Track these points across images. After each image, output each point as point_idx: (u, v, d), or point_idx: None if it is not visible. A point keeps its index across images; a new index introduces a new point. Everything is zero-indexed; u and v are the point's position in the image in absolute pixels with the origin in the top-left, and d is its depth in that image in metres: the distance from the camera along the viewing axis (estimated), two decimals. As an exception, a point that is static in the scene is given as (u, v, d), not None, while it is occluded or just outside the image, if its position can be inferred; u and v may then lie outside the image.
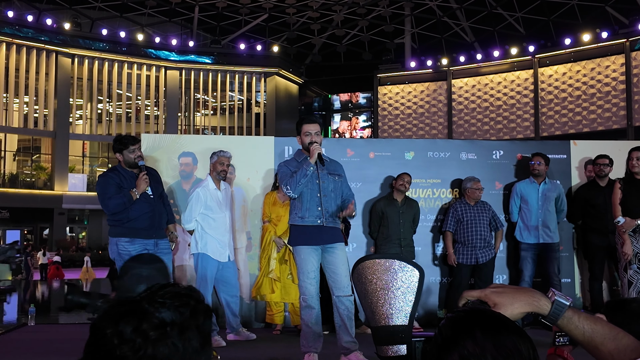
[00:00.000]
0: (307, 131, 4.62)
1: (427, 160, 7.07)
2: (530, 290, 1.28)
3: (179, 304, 1.03)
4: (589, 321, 1.25)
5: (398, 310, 1.26)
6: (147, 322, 1.00)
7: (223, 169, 5.75)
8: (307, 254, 4.46)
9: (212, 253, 5.67)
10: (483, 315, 1.09)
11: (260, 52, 33.59)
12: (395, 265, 1.30)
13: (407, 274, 1.29)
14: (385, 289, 1.28)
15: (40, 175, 30.45)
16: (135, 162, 5.34)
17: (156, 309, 1.02)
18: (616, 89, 25.91)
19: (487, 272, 6.44)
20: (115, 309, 1.03)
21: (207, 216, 5.70)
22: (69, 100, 31.03)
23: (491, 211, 6.59)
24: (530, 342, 1.06)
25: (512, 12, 29.52)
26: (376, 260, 1.31)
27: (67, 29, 30.11)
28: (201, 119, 35.55)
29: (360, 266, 1.33)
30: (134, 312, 1.02)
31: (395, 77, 31.03)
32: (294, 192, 4.45)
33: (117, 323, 1.00)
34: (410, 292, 1.28)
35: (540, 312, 1.26)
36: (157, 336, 1.00)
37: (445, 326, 1.09)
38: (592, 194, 6.49)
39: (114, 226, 5.32)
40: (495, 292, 1.26)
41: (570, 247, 7.02)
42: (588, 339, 1.23)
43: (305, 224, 4.49)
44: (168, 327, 1.01)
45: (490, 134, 28.51)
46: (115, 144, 5.40)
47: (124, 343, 0.99)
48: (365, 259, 1.31)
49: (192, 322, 1.03)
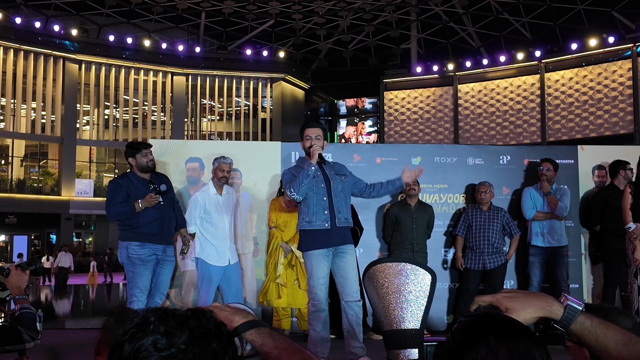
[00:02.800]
0: (307, 135, 4.64)
1: (434, 166, 7.05)
2: (542, 294, 1.27)
3: (175, 329, 1.05)
4: (602, 326, 1.24)
5: (410, 314, 1.25)
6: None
7: (223, 175, 5.77)
8: (317, 260, 4.44)
9: (208, 258, 5.67)
10: (497, 320, 1.09)
11: (266, 57, 33.66)
12: (407, 269, 1.29)
13: (419, 277, 1.28)
14: (397, 292, 1.27)
15: (48, 181, 30.56)
16: (147, 165, 5.40)
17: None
18: (623, 93, 25.82)
19: (496, 278, 6.41)
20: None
21: (205, 221, 5.71)
22: (76, 106, 31.15)
23: (505, 217, 6.53)
24: (544, 348, 1.05)
25: (518, 17, 29.49)
26: (388, 264, 1.30)
27: (74, 35, 30.25)
28: (207, 125, 35.62)
29: (371, 269, 1.32)
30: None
31: (401, 83, 31.02)
32: (297, 193, 4.45)
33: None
34: (422, 295, 1.27)
35: (553, 317, 1.25)
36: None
37: (458, 330, 1.08)
38: (613, 197, 6.27)
39: (124, 230, 5.36)
40: (507, 296, 1.25)
41: (579, 252, 6.98)
42: (601, 344, 1.22)
43: (313, 229, 4.48)
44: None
45: (496, 139, 28.45)
46: (128, 149, 5.46)
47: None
48: (377, 263, 1.30)
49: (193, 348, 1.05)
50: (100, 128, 32.35)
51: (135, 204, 5.25)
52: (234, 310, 1.29)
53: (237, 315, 1.27)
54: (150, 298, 5.43)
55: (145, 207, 5.28)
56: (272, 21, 32.37)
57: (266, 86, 34.93)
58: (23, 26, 29.21)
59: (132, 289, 5.30)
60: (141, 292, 5.28)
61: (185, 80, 33.43)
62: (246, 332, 1.25)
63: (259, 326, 1.26)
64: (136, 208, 5.25)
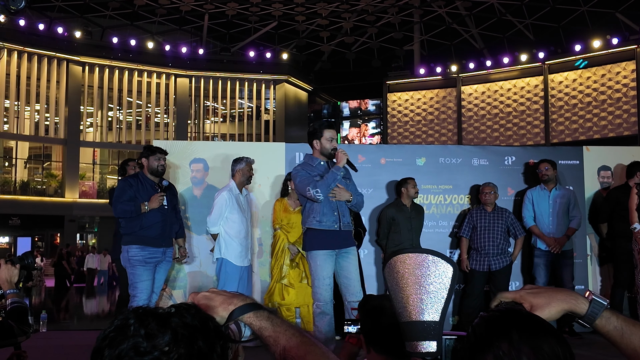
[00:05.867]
0: (331, 136, 4.69)
1: (439, 166, 7.03)
2: (566, 290, 1.26)
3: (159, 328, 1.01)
4: (628, 323, 1.22)
5: (430, 306, 1.24)
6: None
7: (251, 174, 6.00)
8: (322, 260, 4.47)
9: (234, 258, 5.77)
10: (520, 317, 1.07)
11: (269, 59, 33.66)
12: (428, 260, 1.28)
13: (440, 269, 1.27)
14: (417, 283, 1.26)
15: (51, 183, 30.58)
16: (157, 169, 5.54)
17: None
18: (627, 95, 25.75)
19: (501, 279, 6.39)
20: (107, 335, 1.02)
21: (230, 220, 5.80)
22: (80, 108, 31.18)
23: (510, 218, 6.51)
24: (568, 347, 1.03)
25: (521, 19, 29.45)
26: (409, 254, 1.29)
27: (78, 37, 30.29)
28: (211, 126, 35.62)
29: (392, 260, 1.31)
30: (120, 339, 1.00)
31: (404, 84, 30.99)
32: (323, 195, 4.48)
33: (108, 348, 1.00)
34: (443, 287, 1.25)
35: (578, 312, 1.23)
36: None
37: (479, 325, 1.07)
38: (626, 197, 6.12)
39: (126, 234, 5.50)
40: (531, 293, 1.23)
41: (584, 253, 6.96)
42: (627, 341, 1.20)
43: (322, 228, 4.51)
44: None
45: (500, 141, 28.40)
46: (144, 150, 5.63)
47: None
48: (398, 253, 1.29)
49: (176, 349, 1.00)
50: (103, 130, 32.38)
51: (141, 205, 5.39)
52: (231, 294, 1.26)
53: (234, 298, 1.24)
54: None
55: (150, 208, 5.42)
56: (275, 23, 32.37)
57: (269, 88, 34.93)
58: (27, 28, 29.26)
59: (133, 290, 5.41)
60: (142, 293, 5.38)
61: (188, 82, 33.45)
62: (243, 315, 1.22)
63: (257, 309, 1.23)
64: (142, 209, 5.38)
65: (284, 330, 1.21)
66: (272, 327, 1.22)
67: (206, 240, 6.63)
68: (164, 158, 5.63)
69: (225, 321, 1.22)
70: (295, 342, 1.19)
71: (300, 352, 1.17)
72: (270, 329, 1.22)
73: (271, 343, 1.21)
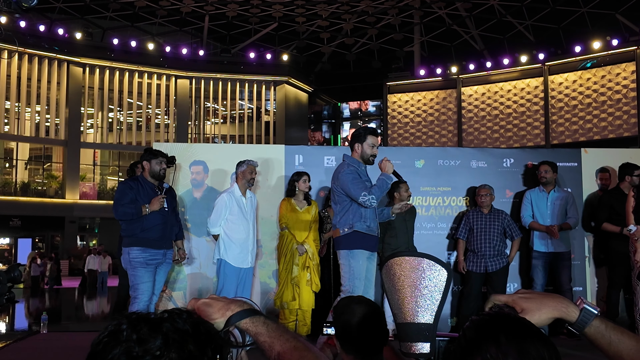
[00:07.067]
0: (373, 143, 4.82)
1: (438, 168, 7.05)
2: (558, 296, 1.28)
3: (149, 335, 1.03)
4: (616, 332, 1.24)
5: (424, 309, 1.27)
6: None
7: (252, 177, 6.01)
8: (364, 260, 4.73)
9: (232, 259, 5.82)
10: (508, 320, 1.09)
11: (269, 60, 33.68)
12: (424, 264, 1.31)
13: (435, 272, 1.30)
14: (413, 286, 1.29)
15: (52, 184, 30.61)
16: (159, 173, 5.58)
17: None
18: (627, 96, 25.76)
19: (498, 280, 6.41)
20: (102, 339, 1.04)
21: (230, 222, 5.85)
22: (80, 109, 31.22)
23: (506, 220, 6.54)
24: (555, 351, 1.05)
25: (521, 20, 29.46)
26: (405, 258, 1.33)
27: (78, 39, 30.32)
28: (211, 128, 35.64)
29: (389, 262, 1.34)
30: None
31: (404, 85, 31.01)
32: (377, 203, 4.69)
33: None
34: (438, 291, 1.29)
35: (568, 319, 1.25)
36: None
37: (469, 329, 1.09)
38: (618, 200, 6.27)
39: (127, 237, 5.54)
40: (524, 297, 1.25)
41: (582, 255, 6.98)
42: (614, 349, 1.22)
43: (370, 233, 4.73)
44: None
45: (500, 142, 28.41)
46: (146, 153, 5.65)
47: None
48: (395, 256, 1.31)
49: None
50: (104, 131, 32.41)
51: (142, 207, 5.43)
52: (229, 300, 1.28)
53: (232, 304, 1.27)
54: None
55: (151, 210, 5.46)
56: (276, 24, 32.39)
57: (270, 89, 34.95)
58: (27, 30, 29.29)
59: (134, 292, 5.47)
60: (143, 295, 5.43)
61: (189, 84, 33.48)
62: (240, 321, 1.24)
63: (253, 315, 1.26)
64: (142, 211, 5.43)
65: (279, 335, 1.24)
66: (268, 333, 1.24)
67: (206, 242, 6.66)
68: (165, 162, 5.66)
69: (223, 327, 1.24)
70: (289, 347, 1.21)
71: (294, 357, 1.20)
72: (266, 334, 1.24)
73: (267, 348, 1.23)
